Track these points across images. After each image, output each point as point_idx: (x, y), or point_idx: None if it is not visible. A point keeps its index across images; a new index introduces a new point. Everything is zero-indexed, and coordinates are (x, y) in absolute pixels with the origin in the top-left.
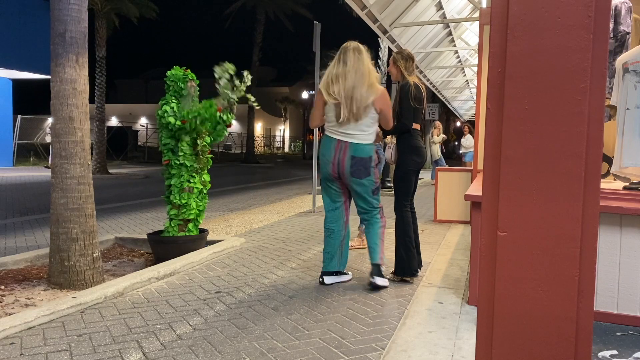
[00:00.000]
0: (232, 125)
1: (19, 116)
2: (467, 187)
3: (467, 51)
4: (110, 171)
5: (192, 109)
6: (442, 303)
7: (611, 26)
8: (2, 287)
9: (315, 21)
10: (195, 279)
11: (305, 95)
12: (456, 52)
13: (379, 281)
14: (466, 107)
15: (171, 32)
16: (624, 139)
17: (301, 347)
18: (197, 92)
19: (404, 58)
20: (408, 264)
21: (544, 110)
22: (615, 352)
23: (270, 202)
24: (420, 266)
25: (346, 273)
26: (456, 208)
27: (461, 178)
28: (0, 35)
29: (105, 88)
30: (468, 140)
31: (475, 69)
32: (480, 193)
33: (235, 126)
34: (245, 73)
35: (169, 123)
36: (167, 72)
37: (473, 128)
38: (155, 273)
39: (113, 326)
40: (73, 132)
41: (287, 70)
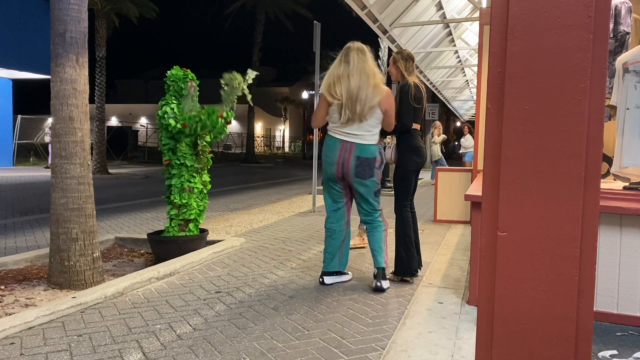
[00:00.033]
0: (232, 125)
1: (19, 116)
2: (467, 187)
3: (467, 51)
4: (110, 171)
5: (194, 115)
6: (442, 303)
7: (611, 26)
8: (2, 287)
9: (315, 21)
10: (195, 279)
11: (305, 95)
12: (456, 52)
13: (385, 284)
14: (466, 107)
15: (171, 32)
16: (624, 139)
17: (301, 347)
18: (197, 92)
19: (404, 58)
20: (408, 264)
21: (544, 110)
22: (615, 352)
23: (270, 202)
24: (420, 266)
25: (346, 273)
26: (456, 208)
27: (461, 178)
28: (0, 35)
29: (105, 88)
30: (467, 140)
31: (475, 69)
32: (480, 193)
33: (235, 126)
34: (249, 71)
35: (169, 125)
36: (167, 72)
37: (473, 128)
38: (155, 273)
39: (113, 326)
40: (73, 132)
41: (287, 70)
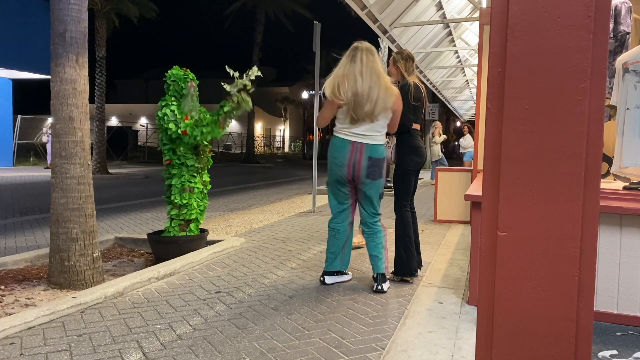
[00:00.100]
0: (232, 125)
1: (19, 116)
2: (467, 187)
3: (467, 51)
4: (110, 171)
5: (196, 128)
6: (442, 303)
7: (611, 26)
8: (2, 287)
9: (315, 21)
10: (195, 279)
11: (305, 95)
12: (456, 52)
13: (385, 286)
14: (466, 107)
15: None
16: (624, 139)
17: (301, 347)
18: (197, 92)
19: (404, 58)
20: (408, 264)
21: (544, 110)
22: (615, 352)
23: (270, 202)
24: (420, 266)
25: (346, 273)
26: (456, 208)
27: (461, 178)
28: (0, 35)
29: (105, 88)
30: (466, 140)
31: (475, 69)
32: (480, 193)
33: (235, 126)
34: (254, 68)
35: (169, 129)
36: (167, 72)
37: (473, 128)
38: (155, 273)
39: (113, 326)
40: (73, 132)
41: (287, 70)
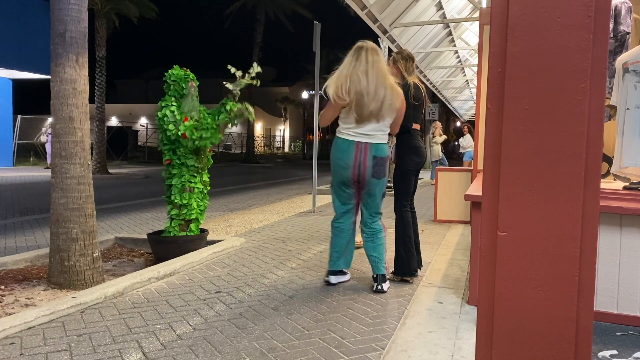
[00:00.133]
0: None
1: (19, 116)
2: (467, 187)
3: (467, 51)
4: (110, 171)
5: (196, 132)
6: (442, 303)
7: (611, 26)
8: (2, 287)
9: (315, 21)
10: (195, 279)
11: (305, 95)
12: (456, 52)
13: (385, 287)
14: (466, 107)
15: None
16: (624, 139)
17: (301, 347)
18: (197, 93)
19: (404, 58)
20: (408, 264)
21: (544, 110)
22: (615, 352)
23: (270, 202)
24: (420, 266)
25: (347, 272)
26: (456, 208)
27: (461, 178)
28: (0, 35)
29: (105, 88)
30: (466, 139)
31: (475, 69)
32: (480, 193)
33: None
34: (254, 64)
35: (168, 130)
36: (168, 72)
37: (473, 128)
38: (155, 273)
39: (113, 326)
40: (73, 132)
41: (287, 70)
